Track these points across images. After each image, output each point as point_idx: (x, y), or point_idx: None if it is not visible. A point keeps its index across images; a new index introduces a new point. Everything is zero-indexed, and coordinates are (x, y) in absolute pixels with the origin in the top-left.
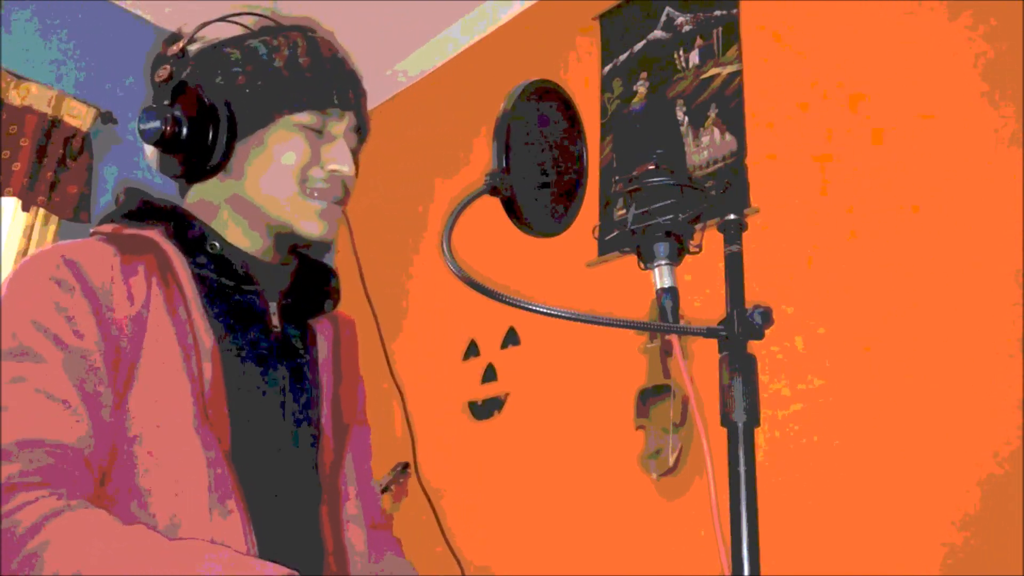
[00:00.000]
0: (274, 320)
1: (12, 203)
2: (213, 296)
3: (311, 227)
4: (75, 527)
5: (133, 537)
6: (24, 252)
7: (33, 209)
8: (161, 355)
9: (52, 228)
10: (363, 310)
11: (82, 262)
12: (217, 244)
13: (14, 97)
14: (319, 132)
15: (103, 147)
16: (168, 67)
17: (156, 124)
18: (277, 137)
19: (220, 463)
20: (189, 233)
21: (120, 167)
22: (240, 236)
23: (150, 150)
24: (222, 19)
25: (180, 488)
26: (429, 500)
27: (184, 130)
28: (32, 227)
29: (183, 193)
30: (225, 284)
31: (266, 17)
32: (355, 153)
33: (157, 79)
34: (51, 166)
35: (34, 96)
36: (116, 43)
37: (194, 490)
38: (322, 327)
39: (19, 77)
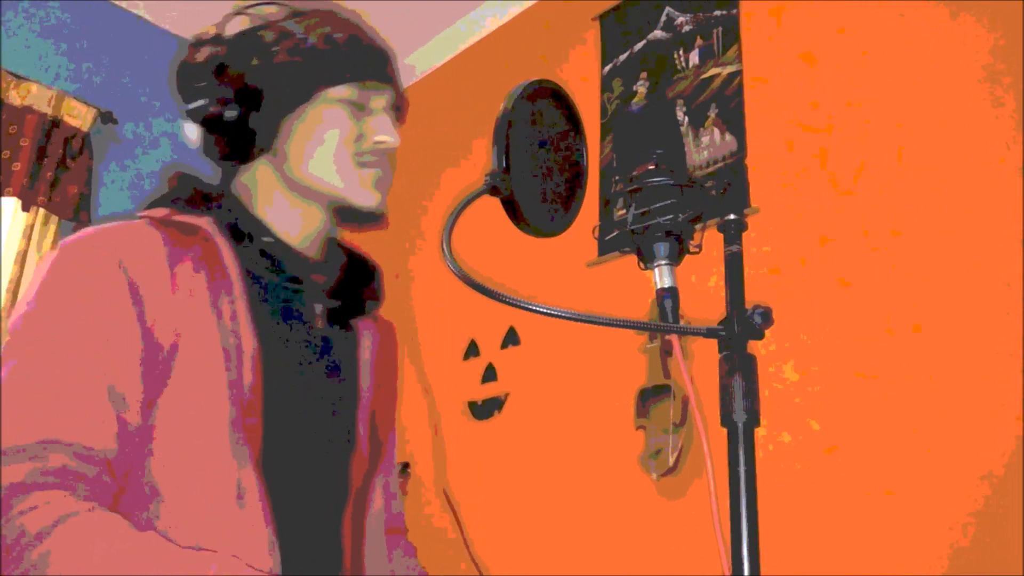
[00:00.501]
0: (319, 321)
1: (12, 203)
2: (260, 292)
3: (366, 198)
4: (83, 531)
5: (141, 544)
6: (24, 252)
7: (33, 209)
8: (200, 354)
9: (52, 228)
10: (390, 313)
11: (127, 251)
12: (269, 239)
13: (14, 97)
14: (360, 107)
15: (103, 147)
16: (206, 49)
17: (203, 103)
18: (320, 113)
19: (249, 469)
20: (240, 224)
21: (120, 167)
22: (291, 220)
23: (194, 134)
24: (237, 13)
25: (205, 492)
26: (452, 508)
27: (229, 110)
28: (32, 227)
29: (227, 180)
30: (272, 281)
31: (288, 6)
32: None
33: (196, 61)
34: (51, 166)
35: (34, 96)
36: (116, 43)
37: (219, 495)
38: (365, 327)
39: (19, 77)
